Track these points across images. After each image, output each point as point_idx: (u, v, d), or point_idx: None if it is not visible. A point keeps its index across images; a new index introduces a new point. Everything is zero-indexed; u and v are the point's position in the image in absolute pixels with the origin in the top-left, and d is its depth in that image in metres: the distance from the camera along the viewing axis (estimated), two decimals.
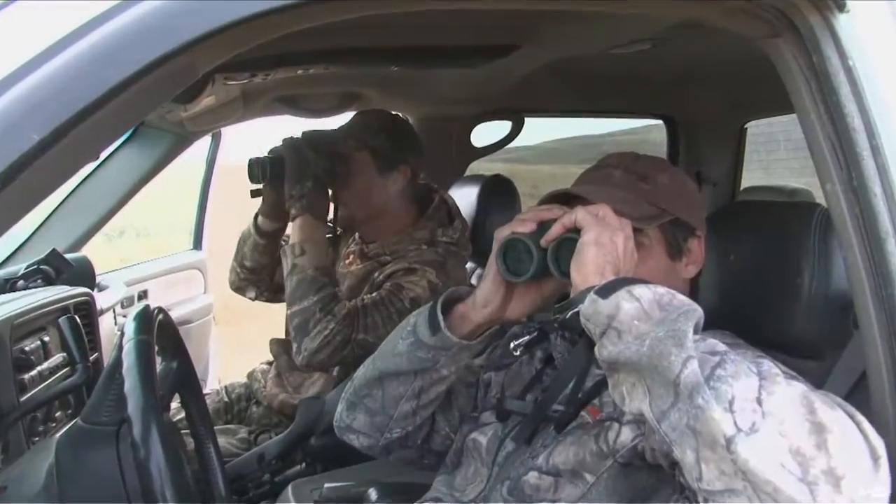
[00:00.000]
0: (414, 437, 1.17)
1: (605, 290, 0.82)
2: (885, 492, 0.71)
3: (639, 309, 0.79)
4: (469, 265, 2.00)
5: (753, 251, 1.12)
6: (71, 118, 0.63)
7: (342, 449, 1.67)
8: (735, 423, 0.69)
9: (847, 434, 0.71)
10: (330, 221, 1.84)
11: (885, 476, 0.71)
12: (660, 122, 2.65)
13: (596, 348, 0.82)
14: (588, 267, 0.89)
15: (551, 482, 0.99)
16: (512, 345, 1.05)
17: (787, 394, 0.72)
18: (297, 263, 1.65)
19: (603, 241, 0.91)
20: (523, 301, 1.05)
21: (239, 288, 1.98)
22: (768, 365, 0.76)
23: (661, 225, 1.06)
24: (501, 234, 1.02)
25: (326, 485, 1.55)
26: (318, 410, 1.72)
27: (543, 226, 0.99)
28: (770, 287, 1.07)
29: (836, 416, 0.72)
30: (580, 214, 0.94)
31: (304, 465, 1.73)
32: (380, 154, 1.77)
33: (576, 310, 0.85)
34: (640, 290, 0.81)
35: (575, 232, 0.94)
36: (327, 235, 1.81)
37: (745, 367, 0.74)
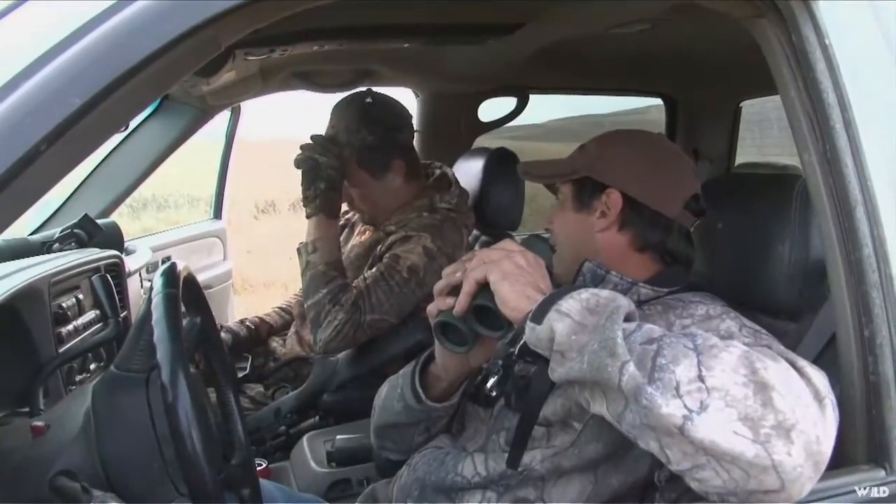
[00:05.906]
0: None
1: (538, 315, 0.82)
2: (834, 427, 0.74)
3: (572, 324, 0.79)
4: (475, 233, 2.04)
5: (740, 220, 1.14)
6: (109, 85, 0.66)
7: (353, 404, 1.73)
8: (685, 405, 0.71)
9: (790, 383, 0.73)
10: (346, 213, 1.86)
11: (832, 413, 0.74)
12: (659, 101, 2.66)
13: (549, 371, 0.82)
14: (513, 301, 0.88)
15: (544, 431, 1.02)
16: (487, 387, 1.08)
17: (727, 362, 0.73)
18: (310, 261, 1.67)
19: (508, 271, 0.90)
20: (481, 350, 1.04)
21: None
22: (703, 336, 0.76)
23: (573, 182, 1.14)
24: (431, 314, 1.01)
25: (338, 437, 1.59)
26: (332, 370, 1.77)
27: (459, 289, 0.96)
28: (754, 254, 1.09)
29: (777, 370, 0.74)
30: (474, 275, 0.93)
31: (317, 418, 1.77)
32: (366, 160, 1.74)
33: (523, 341, 0.85)
34: (568, 305, 0.81)
35: (485, 286, 0.92)
36: (341, 224, 1.82)
37: (682, 347, 0.74)
